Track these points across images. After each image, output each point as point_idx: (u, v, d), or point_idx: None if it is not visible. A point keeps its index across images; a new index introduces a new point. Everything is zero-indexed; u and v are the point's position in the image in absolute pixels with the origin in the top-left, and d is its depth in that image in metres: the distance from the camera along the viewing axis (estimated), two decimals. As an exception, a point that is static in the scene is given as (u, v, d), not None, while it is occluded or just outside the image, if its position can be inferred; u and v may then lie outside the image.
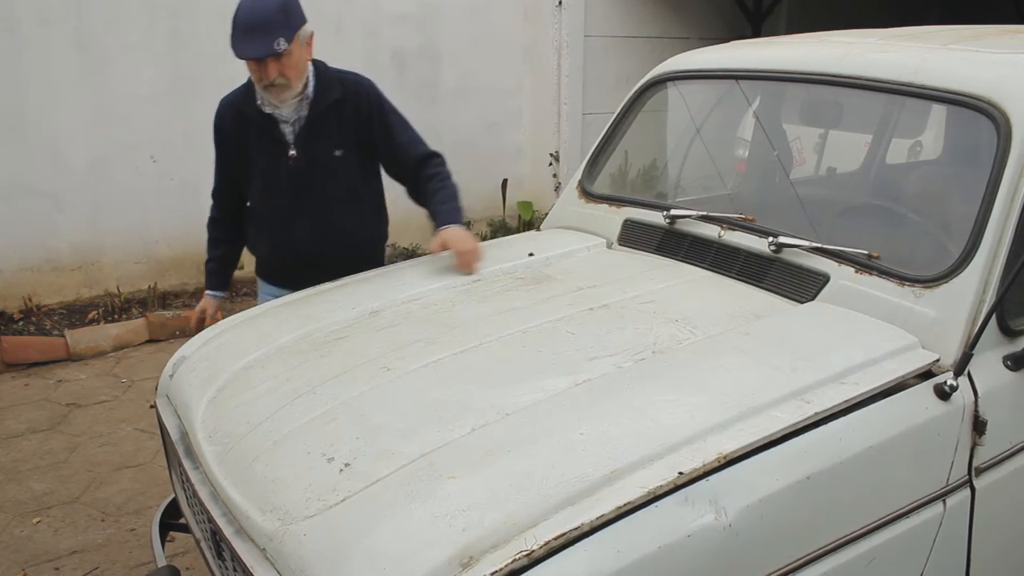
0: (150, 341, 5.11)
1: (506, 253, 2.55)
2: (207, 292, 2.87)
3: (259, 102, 2.54)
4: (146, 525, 3.08)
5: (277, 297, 2.72)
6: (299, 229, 2.64)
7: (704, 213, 2.39)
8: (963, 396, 1.74)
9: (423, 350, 1.91)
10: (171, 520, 2.35)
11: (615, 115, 2.86)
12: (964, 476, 1.76)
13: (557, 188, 6.95)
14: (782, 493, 1.48)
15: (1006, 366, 1.84)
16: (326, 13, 6.01)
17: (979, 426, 1.75)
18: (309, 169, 2.59)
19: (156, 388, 2.26)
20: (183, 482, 1.99)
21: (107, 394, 4.44)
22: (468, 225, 2.55)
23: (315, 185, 2.61)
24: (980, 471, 1.78)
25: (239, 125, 2.60)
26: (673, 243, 2.42)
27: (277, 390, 1.86)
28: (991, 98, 1.92)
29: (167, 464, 2.29)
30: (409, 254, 6.38)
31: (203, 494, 1.73)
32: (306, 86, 2.54)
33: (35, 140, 5.11)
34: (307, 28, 2.51)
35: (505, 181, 6.97)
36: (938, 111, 2.43)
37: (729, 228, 2.31)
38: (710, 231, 2.35)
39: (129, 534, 3.19)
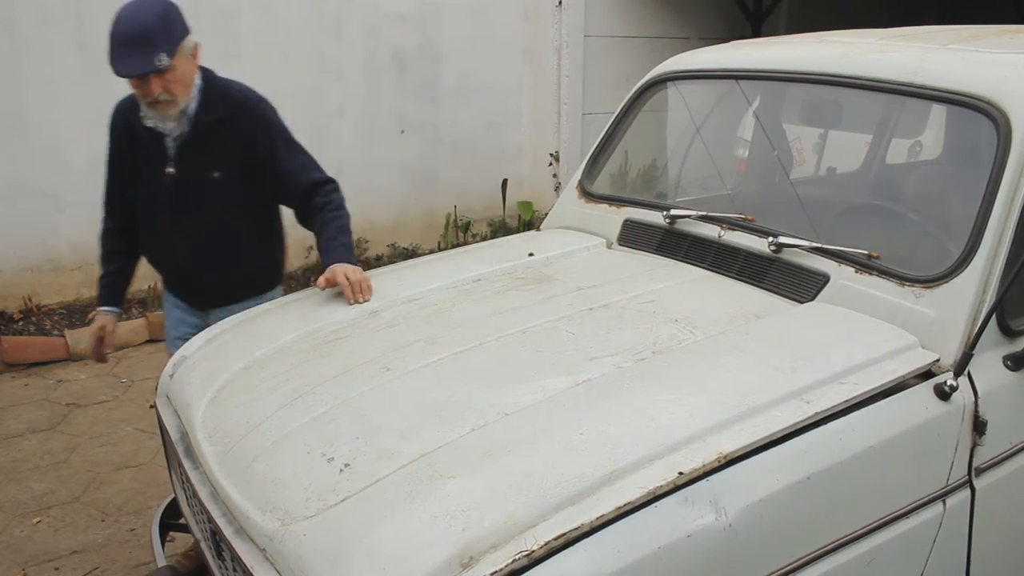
0: (150, 341, 5.10)
1: (506, 253, 2.55)
2: (103, 308, 2.69)
3: (142, 114, 2.41)
4: (146, 525, 3.08)
5: (176, 305, 2.73)
6: (176, 247, 2.56)
7: (704, 213, 2.39)
8: (963, 396, 1.74)
9: (423, 350, 1.91)
10: (171, 520, 2.35)
11: (615, 115, 2.86)
12: (964, 476, 1.76)
13: (557, 188, 6.95)
14: (782, 493, 1.48)
15: (1006, 366, 1.84)
16: (326, 13, 6.02)
17: (979, 426, 1.75)
18: (186, 188, 2.49)
19: (156, 388, 2.26)
20: (183, 482, 1.99)
21: (107, 394, 4.44)
22: (360, 260, 2.42)
23: (192, 205, 2.50)
24: (980, 471, 1.78)
25: (129, 134, 2.50)
26: (673, 243, 2.42)
27: (277, 390, 1.86)
28: (991, 98, 1.92)
29: (167, 464, 2.29)
30: (409, 254, 6.39)
31: (203, 494, 1.73)
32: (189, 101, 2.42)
33: (35, 140, 5.11)
34: (191, 39, 2.38)
35: (505, 181, 6.97)
36: (938, 111, 2.43)
37: (729, 228, 2.31)
38: (710, 231, 2.35)
39: (129, 534, 3.19)
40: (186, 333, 2.58)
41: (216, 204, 2.51)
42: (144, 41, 2.23)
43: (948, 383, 1.70)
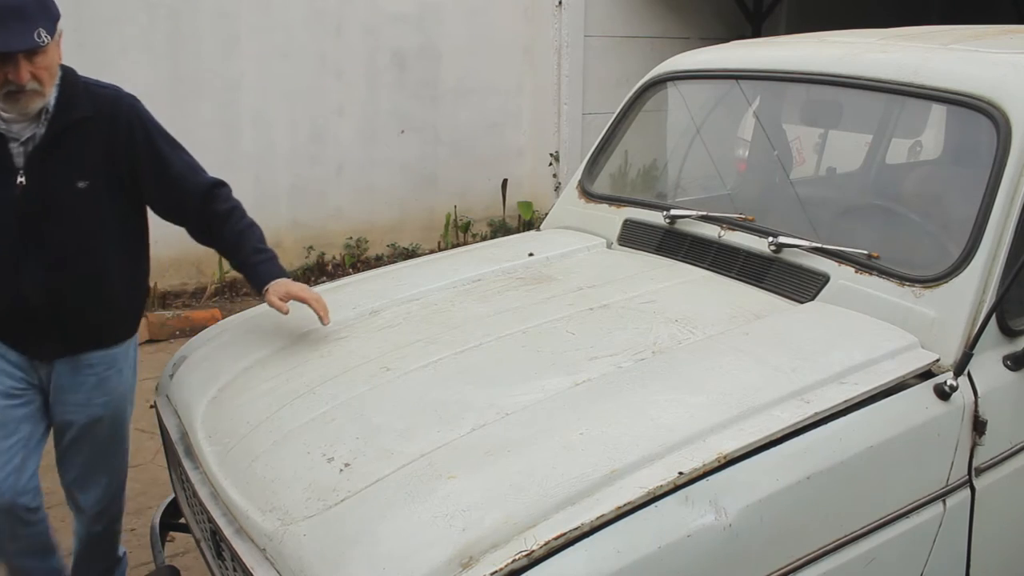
0: (150, 341, 5.10)
1: (506, 253, 2.55)
2: None
3: None
4: (146, 525, 3.07)
5: (3, 356, 2.15)
6: (27, 275, 2.09)
7: (704, 213, 2.39)
8: (963, 396, 1.74)
9: (423, 350, 1.92)
10: (171, 520, 2.35)
11: (615, 115, 2.86)
12: (964, 476, 1.76)
13: (557, 188, 6.95)
14: (782, 493, 1.48)
15: (1006, 366, 1.84)
16: (326, 13, 6.02)
17: (979, 426, 1.75)
18: (42, 202, 2.07)
19: (156, 388, 2.26)
20: (183, 482, 1.99)
21: (107, 394, 4.43)
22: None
23: (50, 222, 2.08)
24: (980, 471, 1.78)
25: None
26: (673, 243, 2.42)
27: (277, 390, 1.86)
28: (991, 98, 1.92)
29: (167, 464, 2.29)
30: (409, 254, 6.39)
31: (203, 494, 1.73)
32: None
33: (35, 140, 5.10)
34: (60, 24, 1.99)
35: (505, 181, 6.98)
36: (938, 111, 2.43)
37: (729, 228, 2.31)
38: (710, 231, 2.35)
39: (129, 534, 3.18)
40: (10, 388, 2.15)
41: (80, 220, 2.12)
42: (19, 12, 1.87)
43: (948, 383, 1.70)
